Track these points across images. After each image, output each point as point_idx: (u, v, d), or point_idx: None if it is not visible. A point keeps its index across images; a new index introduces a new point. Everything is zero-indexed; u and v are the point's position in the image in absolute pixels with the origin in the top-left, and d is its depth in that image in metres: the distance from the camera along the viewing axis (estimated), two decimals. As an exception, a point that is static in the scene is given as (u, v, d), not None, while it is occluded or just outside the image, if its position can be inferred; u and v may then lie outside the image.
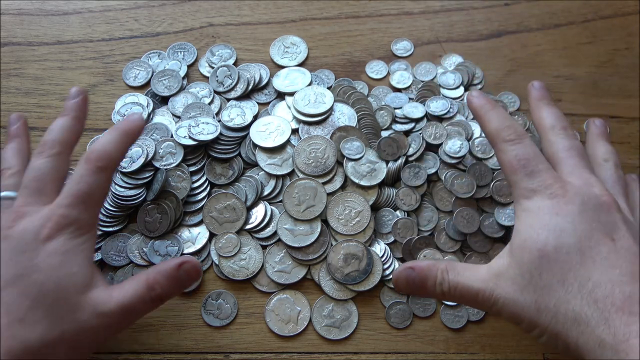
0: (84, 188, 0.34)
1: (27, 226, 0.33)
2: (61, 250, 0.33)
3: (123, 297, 0.33)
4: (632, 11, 0.56)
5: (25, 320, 0.30)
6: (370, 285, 0.41)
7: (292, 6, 0.54)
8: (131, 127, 0.38)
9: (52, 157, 0.36)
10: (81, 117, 0.39)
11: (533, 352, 0.41)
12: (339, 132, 0.46)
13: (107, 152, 0.36)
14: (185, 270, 0.35)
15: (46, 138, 0.37)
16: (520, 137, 0.35)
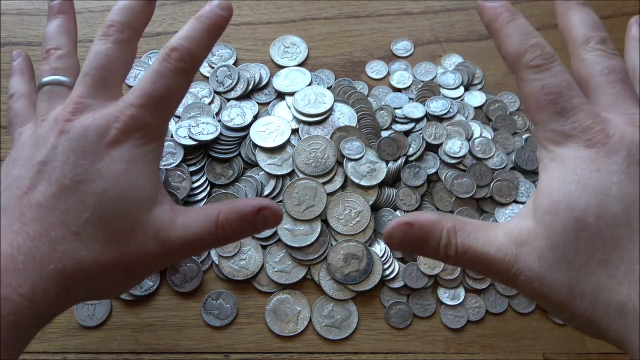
0: (160, 89, 0.29)
1: (89, 123, 0.28)
2: (127, 158, 0.28)
3: (187, 230, 0.28)
4: (632, 11, 0.56)
5: (81, 234, 0.26)
6: (370, 285, 0.41)
7: (292, 6, 0.54)
8: (219, 20, 0.31)
9: (121, 44, 0.31)
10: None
11: (533, 352, 0.41)
12: (339, 132, 0.46)
13: (191, 52, 0.30)
14: (263, 216, 0.29)
15: (113, 19, 0.32)
16: (549, 60, 0.27)
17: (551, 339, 0.41)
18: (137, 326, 0.40)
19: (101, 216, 0.27)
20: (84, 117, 0.28)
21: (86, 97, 0.29)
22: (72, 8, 0.36)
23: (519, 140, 0.48)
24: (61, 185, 0.27)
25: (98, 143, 0.28)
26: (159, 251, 0.28)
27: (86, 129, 0.28)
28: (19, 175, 0.27)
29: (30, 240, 0.26)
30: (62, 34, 0.34)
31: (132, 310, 0.40)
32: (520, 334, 0.41)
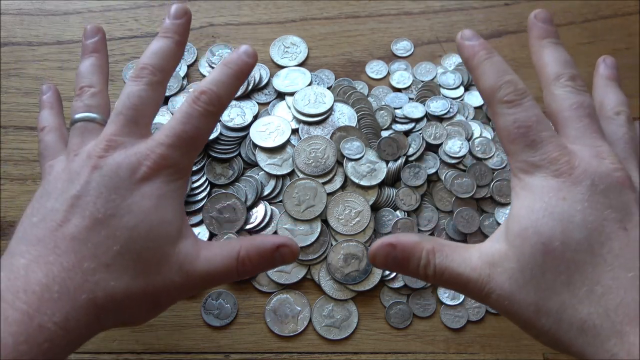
0: (189, 130, 0.31)
1: (122, 160, 0.30)
2: (156, 194, 0.29)
3: (210, 264, 0.30)
4: (632, 11, 0.56)
5: (111, 266, 0.28)
6: (370, 285, 0.41)
7: (292, 6, 0.54)
8: (245, 67, 0.33)
9: (152, 86, 0.32)
10: (183, 43, 0.35)
11: (533, 352, 0.41)
12: (339, 132, 0.46)
13: (219, 96, 0.32)
14: (281, 254, 0.31)
15: (146, 62, 0.33)
16: (521, 96, 0.29)
17: (551, 339, 0.41)
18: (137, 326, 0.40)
19: (131, 249, 0.28)
20: (116, 154, 0.30)
21: (119, 135, 0.31)
22: (105, 47, 0.37)
23: (519, 140, 0.48)
24: (94, 219, 0.28)
25: (129, 179, 0.29)
26: (183, 283, 0.30)
27: (118, 165, 0.29)
28: (52, 208, 0.29)
29: (65, 272, 0.27)
30: (95, 72, 0.36)
31: (132, 310, 0.40)
32: (520, 334, 0.41)
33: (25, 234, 0.29)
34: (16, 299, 0.26)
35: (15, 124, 0.47)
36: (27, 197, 0.44)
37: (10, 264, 0.27)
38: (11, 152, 0.46)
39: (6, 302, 0.25)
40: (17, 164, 0.45)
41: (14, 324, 0.25)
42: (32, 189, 0.44)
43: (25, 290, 0.26)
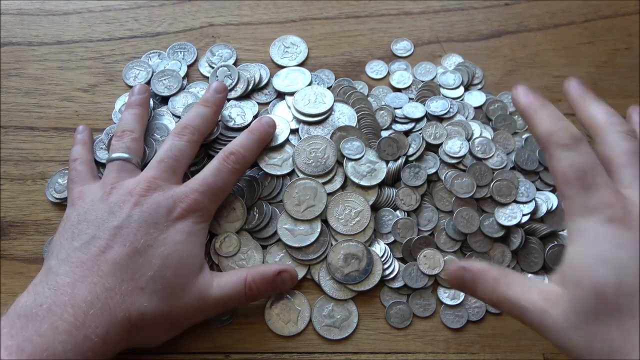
0: (219, 182, 0.38)
1: (160, 201, 0.35)
2: (187, 231, 0.35)
3: (222, 289, 0.35)
4: (632, 11, 0.56)
5: (145, 289, 0.32)
6: (370, 285, 0.41)
7: (292, 6, 0.54)
8: (267, 135, 0.42)
9: (191, 143, 0.39)
10: (218, 113, 0.43)
11: (533, 352, 0.41)
12: (339, 132, 0.46)
13: (245, 157, 0.40)
14: (282, 279, 0.37)
15: (188, 123, 0.40)
16: (576, 141, 0.30)
17: (551, 339, 0.41)
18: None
19: (162, 276, 0.33)
20: (155, 194, 0.36)
21: (158, 178, 0.37)
22: (149, 103, 0.44)
23: (519, 140, 0.48)
24: (133, 248, 0.33)
25: (166, 217, 0.35)
26: (199, 308, 0.34)
27: (158, 205, 0.35)
28: (95, 235, 0.33)
29: (106, 291, 0.31)
30: (137, 122, 0.42)
31: (132, 310, 0.40)
32: (520, 334, 0.41)
33: (68, 256, 0.32)
34: (64, 312, 0.29)
35: (15, 124, 0.47)
36: (27, 197, 0.44)
37: (55, 282, 0.31)
38: (11, 152, 0.46)
39: (55, 315, 0.29)
40: (17, 164, 0.45)
41: (63, 333, 0.29)
42: (32, 189, 0.44)
43: (72, 305, 0.30)
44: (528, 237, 0.43)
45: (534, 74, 0.52)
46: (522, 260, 0.43)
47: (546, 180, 0.46)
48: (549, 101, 0.34)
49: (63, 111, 0.48)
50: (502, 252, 0.43)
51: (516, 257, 0.43)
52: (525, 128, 0.49)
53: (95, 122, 0.47)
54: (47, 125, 0.47)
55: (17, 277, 0.41)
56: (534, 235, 0.43)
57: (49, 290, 0.30)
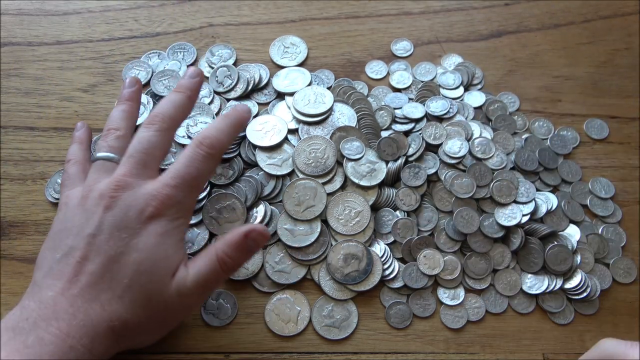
0: (193, 172, 0.35)
1: (131, 201, 0.33)
2: (160, 232, 0.33)
3: (198, 274, 0.33)
4: (632, 11, 0.56)
5: (123, 297, 0.31)
6: (370, 285, 0.41)
7: (292, 6, 0.54)
8: (241, 119, 0.39)
9: (162, 132, 0.36)
10: (194, 99, 0.39)
11: (533, 352, 0.41)
12: (339, 132, 0.46)
13: (219, 140, 0.36)
14: (252, 239, 0.34)
15: (158, 111, 0.37)
16: None
17: (551, 339, 0.41)
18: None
19: (138, 282, 0.32)
20: (125, 194, 0.33)
21: (128, 176, 0.34)
22: (139, 97, 0.42)
23: (519, 140, 0.48)
24: (108, 256, 0.32)
25: (137, 219, 0.33)
26: (181, 302, 0.33)
27: (128, 206, 0.33)
28: (72, 245, 0.33)
29: (87, 303, 0.31)
30: (124, 118, 0.40)
31: (132, 310, 0.40)
32: (520, 334, 0.41)
33: (51, 269, 0.32)
34: (49, 325, 0.29)
35: (15, 124, 0.47)
36: (27, 197, 0.44)
37: (40, 295, 0.31)
38: (11, 152, 0.46)
39: (40, 328, 0.29)
40: (17, 164, 0.45)
41: (49, 344, 0.29)
42: (32, 189, 0.44)
43: (56, 318, 0.30)
44: (528, 237, 0.43)
45: (533, 74, 0.52)
46: (522, 261, 0.43)
47: (546, 181, 0.46)
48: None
49: (63, 111, 0.48)
50: (501, 252, 0.43)
51: (516, 257, 0.43)
52: (525, 128, 0.49)
53: (95, 122, 0.47)
54: (47, 125, 0.47)
55: (17, 277, 0.41)
56: (534, 236, 0.43)
57: (34, 304, 0.31)
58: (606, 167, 0.48)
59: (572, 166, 0.48)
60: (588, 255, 0.44)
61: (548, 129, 0.49)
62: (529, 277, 0.43)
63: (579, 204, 0.46)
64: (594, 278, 0.43)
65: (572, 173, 0.47)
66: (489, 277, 0.42)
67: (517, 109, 0.50)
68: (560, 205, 0.45)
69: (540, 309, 0.42)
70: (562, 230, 0.44)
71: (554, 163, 0.47)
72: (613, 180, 0.47)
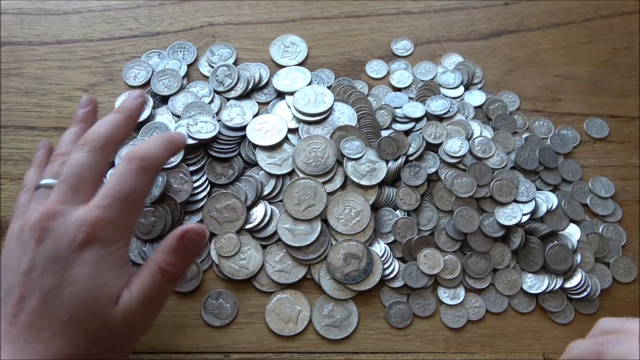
0: (124, 189, 0.32)
1: (61, 230, 0.31)
2: (95, 260, 0.31)
3: (141, 291, 0.32)
4: (632, 11, 0.56)
5: (65, 333, 0.30)
6: (370, 285, 0.41)
7: (292, 6, 0.54)
8: (176, 140, 0.37)
9: (94, 152, 0.34)
10: (134, 118, 0.38)
11: (533, 352, 0.41)
12: (339, 132, 0.46)
13: (152, 153, 0.34)
14: (189, 240, 0.33)
15: (91, 130, 0.35)
16: None
17: (551, 339, 0.41)
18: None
19: (78, 315, 0.30)
20: (56, 223, 0.31)
21: (59, 203, 0.32)
22: (94, 118, 0.40)
23: (519, 140, 0.48)
24: (43, 292, 0.30)
25: (69, 249, 0.31)
26: (130, 324, 0.31)
27: (59, 237, 0.31)
28: (11, 284, 0.31)
29: (29, 344, 0.29)
30: (74, 142, 0.37)
31: (132, 310, 0.40)
32: (520, 333, 0.41)
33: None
34: None
35: (15, 123, 0.47)
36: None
37: None
38: (11, 151, 0.46)
39: None
40: (17, 164, 0.45)
41: None
42: (32, 189, 0.44)
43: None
44: (528, 237, 0.43)
45: (533, 74, 0.52)
46: (522, 260, 0.43)
47: (546, 180, 0.46)
48: None
49: (63, 111, 0.48)
50: (502, 251, 0.43)
51: (516, 256, 0.43)
52: (526, 127, 0.49)
53: (95, 122, 0.47)
54: (47, 125, 0.47)
55: (17, 276, 0.41)
56: (534, 235, 0.43)
57: None
58: (606, 166, 0.48)
59: (573, 165, 0.48)
60: (588, 254, 0.44)
61: (548, 128, 0.49)
62: (529, 276, 0.43)
63: (579, 203, 0.46)
64: (594, 277, 0.43)
65: (573, 172, 0.47)
66: (489, 277, 0.42)
67: (517, 108, 0.50)
68: (561, 205, 0.45)
69: (540, 309, 0.42)
70: (562, 229, 0.44)
71: (554, 162, 0.47)
72: (613, 179, 0.47)
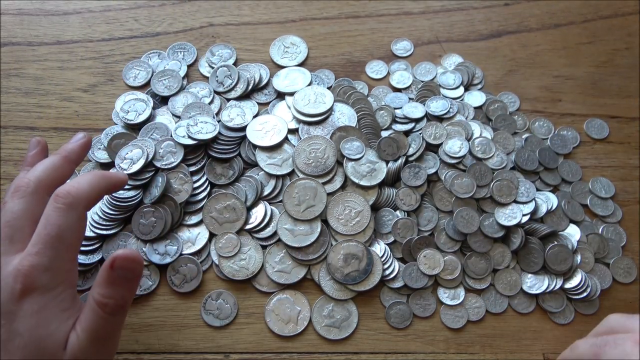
0: (52, 231, 0.31)
1: (1, 284, 0.30)
2: (36, 309, 0.30)
3: (86, 331, 0.31)
4: (632, 11, 0.56)
5: None
6: (370, 285, 0.41)
7: (292, 6, 0.54)
8: (112, 177, 0.36)
9: (26, 198, 0.33)
10: (73, 160, 0.37)
11: (533, 352, 0.41)
12: (339, 132, 0.46)
13: (75, 189, 0.33)
14: (120, 267, 0.31)
15: (24, 176, 0.34)
16: None
17: (551, 339, 0.41)
18: (137, 326, 0.40)
19: None
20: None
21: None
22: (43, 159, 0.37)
23: (519, 140, 0.48)
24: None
25: (10, 301, 0.30)
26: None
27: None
28: None
29: None
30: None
31: (132, 310, 0.40)
32: (520, 334, 0.41)
33: None
34: None
35: (15, 124, 0.47)
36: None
37: None
38: (11, 152, 0.46)
39: None
40: (17, 164, 0.45)
41: None
42: (32, 189, 0.44)
43: None
44: (528, 237, 0.43)
45: (534, 74, 0.52)
46: (522, 260, 0.43)
47: (546, 180, 0.46)
48: None
49: (63, 111, 0.48)
50: (502, 252, 0.43)
51: (516, 257, 0.43)
52: (526, 128, 0.49)
53: (95, 122, 0.47)
54: (47, 125, 0.47)
55: (17, 277, 0.41)
56: (534, 235, 0.43)
57: None
58: (606, 166, 0.48)
59: (572, 166, 0.48)
60: (588, 255, 0.44)
61: (548, 129, 0.49)
62: (529, 277, 0.43)
63: (579, 203, 0.46)
64: (594, 278, 0.43)
65: (572, 173, 0.47)
66: (489, 277, 0.42)
67: (517, 108, 0.50)
68: (561, 205, 0.45)
69: (540, 309, 0.42)
70: (562, 230, 0.44)
71: (554, 163, 0.47)
72: (613, 179, 0.47)
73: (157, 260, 0.41)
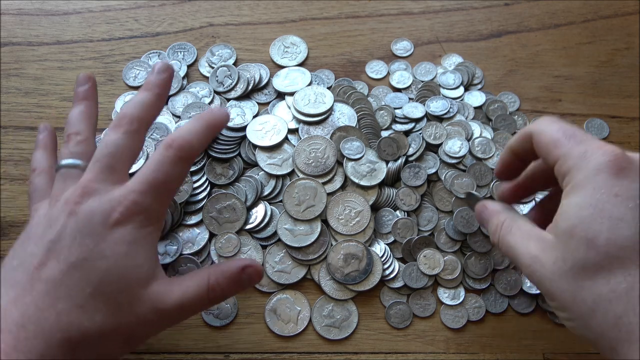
0: (160, 177, 0.32)
1: (95, 207, 0.31)
2: (128, 239, 0.31)
3: (182, 296, 0.32)
4: (632, 11, 0.56)
5: (85, 307, 0.29)
6: (370, 285, 0.41)
7: (292, 6, 0.54)
8: (217, 121, 0.36)
9: (129, 134, 0.34)
10: (163, 96, 0.37)
11: (533, 352, 0.41)
12: (339, 132, 0.46)
13: (189, 143, 0.34)
14: (248, 274, 0.33)
15: (125, 112, 0.35)
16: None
17: (551, 339, 0.41)
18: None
19: (103, 292, 0.30)
20: (91, 200, 0.31)
21: (94, 181, 0.32)
22: (95, 94, 0.39)
23: (519, 140, 0.48)
24: (68, 263, 0.30)
25: (102, 225, 0.31)
26: (156, 320, 0.31)
27: (92, 212, 0.31)
28: (31, 252, 0.31)
29: (40, 312, 0.29)
30: (83, 120, 0.37)
31: (132, 310, 0.40)
32: (520, 334, 0.41)
33: (5, 277, 0.30)
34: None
35: (15, 124, 0.47)
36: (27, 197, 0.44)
37: None
38: (11, 152, 0.46)
39: None
40: (17, 164, 0.45)
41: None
42: (32, 189, 0.44)
43: (3, 329, 0.28)
44: (528, 237, 0.43)
45: (534, 74, 0.52)
46: (522, 260, 0.43)
47: (546, 180, 0.46)
48: None
49: (63, 111, 0.48)
50: (502, 252, 0.43)
51: (516, 257, 0.43)
52: (525, 128, 0.49)
53: (95, 122, 0.47)
54: (47, 125, 0.47)
55: (17, 277, 0.41)
56: (534, 235, 0.43)
57: None
58: (606, 167, 0.48)
59: (573, 166, 0.47)
60: (588, 255, 0.44)
61: (548, 129, 0.49)
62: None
63: (579, 203, 0.46)
64: (594, 278, 0.43)
65: (573, 173, 0.47)
66: (489, 277, 0.42)
67: (518, 108, 0.50)
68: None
69: (540, 309, 0.42)
70: (562, 230, 0.44)
71: (554, 163, 0.47)
72: (613, 180, 0.47)
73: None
